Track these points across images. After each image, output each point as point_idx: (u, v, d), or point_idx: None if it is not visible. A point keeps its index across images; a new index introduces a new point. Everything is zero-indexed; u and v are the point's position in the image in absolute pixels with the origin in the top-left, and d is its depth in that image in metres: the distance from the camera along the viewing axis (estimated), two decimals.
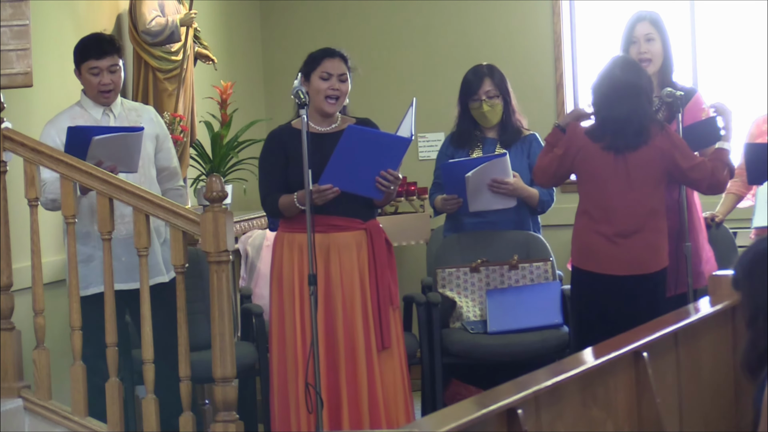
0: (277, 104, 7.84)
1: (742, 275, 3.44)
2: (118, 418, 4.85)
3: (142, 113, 5.53)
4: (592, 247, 5.42)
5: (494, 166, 5.87)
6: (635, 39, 5.71)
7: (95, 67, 5.35)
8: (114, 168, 5.13)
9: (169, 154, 5.58)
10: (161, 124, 5.61)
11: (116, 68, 5.38)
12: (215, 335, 4.64)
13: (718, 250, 5.93)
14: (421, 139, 7.75)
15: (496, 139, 6.10)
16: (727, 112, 5.52)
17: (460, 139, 6.11)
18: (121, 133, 5.18)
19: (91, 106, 5.41)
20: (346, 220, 5.18)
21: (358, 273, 5.16)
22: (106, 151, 5.12)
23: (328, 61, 5.22)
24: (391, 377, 5.18)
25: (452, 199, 5.99)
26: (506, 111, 6.08)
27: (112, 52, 5.36)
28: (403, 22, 7.92)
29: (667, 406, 4.08)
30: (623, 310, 5.29)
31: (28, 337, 5.04)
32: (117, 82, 5.39)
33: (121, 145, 5.16)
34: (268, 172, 5.27)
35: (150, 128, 5.48)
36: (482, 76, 6.07)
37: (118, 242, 5.19)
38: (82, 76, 5.40)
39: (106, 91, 5.38)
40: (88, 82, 5.39)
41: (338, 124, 5.26)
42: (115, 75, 5.37)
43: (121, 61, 5.41)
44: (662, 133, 5.38)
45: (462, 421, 3.11)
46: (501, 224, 6.10)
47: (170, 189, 5.54)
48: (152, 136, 5.49)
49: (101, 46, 5.36)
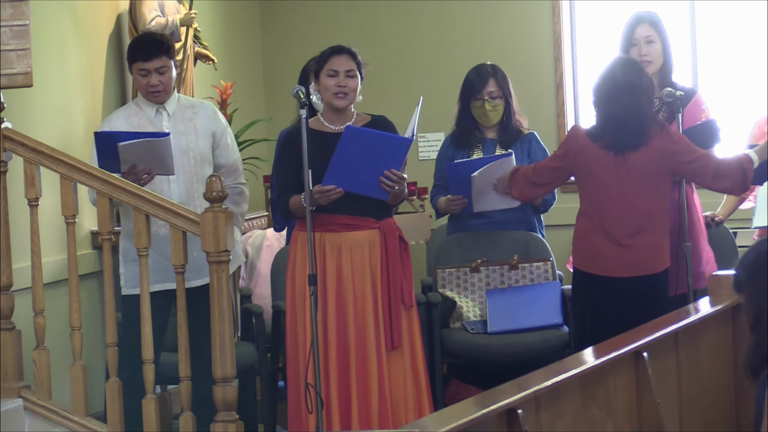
0: (277, 104, 7.85)
1: (744, 277, 3.39)
2: (118, 418, 4.85)
3: (199, 110, 5.47)
4: (593, 249, 5.41)
5: (500, 165, 5.87)
6: (635, 41, 5.70)
7: (143, 69, 5.33)
8: (150, 170, 5.11)
9: (227, 151, 5.50)
10: (218, 121, 5.52)
11: (165, 69, 5.34)
12: (215, 335, 4.63)
13: (718, 250, 5.93)
14: (421, 139, 7.75)
15: (496, 140, 6.09)
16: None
17: (460, 139, 6.11)
18: (146, 139, 5.14)
19: (145, 104, 5.40)
20: (359, 219, 5.18)
21: (370, 272, 5.16)
22: (136, 155, 5.10)
23: (335, 58, 5.22)
24: (401, 377, 5.17)
25: (457, 199, 5.98)
26: (507, 112, 6.08)
27: (160, 54, 5.32)
28: (403, 23, 7.92)
29: (667, 406, 4.08)
30: (625, 312, 5.27)
31: (28, 337, 5.04)
32: (166, 82, 5.35)
33: (149, 150, 5.12)
34: (282, 174, 5.27)
35: (205, 125, 5.43)
36: (487, 76, 6.07)
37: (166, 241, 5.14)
38: (133, 75, 5.40)
39: (156, 92, 5.36)
40: (138, 82, 5.38)
41: (352, 123, 5.25)
42: (164, 76, 5.34)
43: (171, 62, 5.37)
44: (662, 134, 5.37)
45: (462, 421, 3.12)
46: (505, 224, 6.10)
47: (228, 186, 5.46)
48: (207, 133, 5.43)
49: (149, 47, 5.34)
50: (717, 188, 5.53)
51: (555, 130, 7.48)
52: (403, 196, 5.23)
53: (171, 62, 5.37)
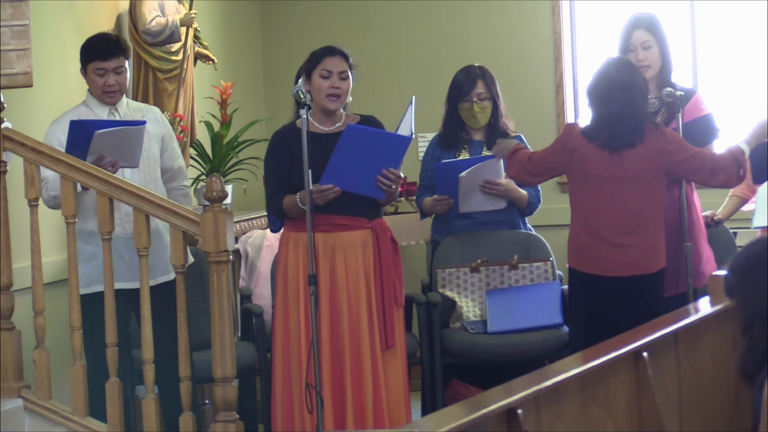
0: (277, 104, 7.84)
1: (735, 280, 3.30)
2: (118, 418, 4.85)
3: (147, 114, 5.53)
4: (588, 249, 5.42)
5: (487, 166, 5.89)
6: (632, 47, 5.69)
7: (101, 68, 5.35)
8: (116, 162, 5.14)
9: (173, 154, 5.58)
10: (166, 125, 5.62)
11: (122, 69, 5.39)
12: (215, 335, 4.64)
13: (718, 250, 5.93)
14: (421, 139, 7.74)
15: (483, 141, 6.11)
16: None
17: (447, 140, 6.12)
18: (123, 127, 5.20)
19: (97, 106, 5.42)
20: (352, 219, 5.18)
21: (363, 272, 5.17)
22: (108, 145, 5.13)
23: (328, 59, 5.22)
24: (395, 377, 5.18)
25: (443, 199, 6.00)
26: (495, 113, 6.09)
27: (118, 54, 5.37)
28: (403, 22, 7.92)
29: (667, 406, 4.08)
30: (621, 312, 5.28)
31: (28, 337, 5.04)
32: (122, 83, 5.40)
33: (123, 139, 5.17)
34: (274, 174, 5.27)
35: (155, 129, 5.49)
36: (475, 78, 6.08)
37: (123, 241, 5.20)
38: (87, 75, 5.41)
39: (111, 92, 5.38)
40: (93, 82, 5.39)
41: (342, 123, 5.26)
42: (120, 76, 5.38)
43: (126, 63, 5.42)
44: (656, 133, 5.38)
45: (462, 421, 3.12)
46: (491, 225, 6.10)
47: (174, 188, 5.54)
48: (158, 136, 5.49)
49: (108, 47, 5.37)
50: (713, 183, 5.53)
51: (555, 130, 7.47)
52: (395, 195, 5.27)
53: (126, 63, 5.42)
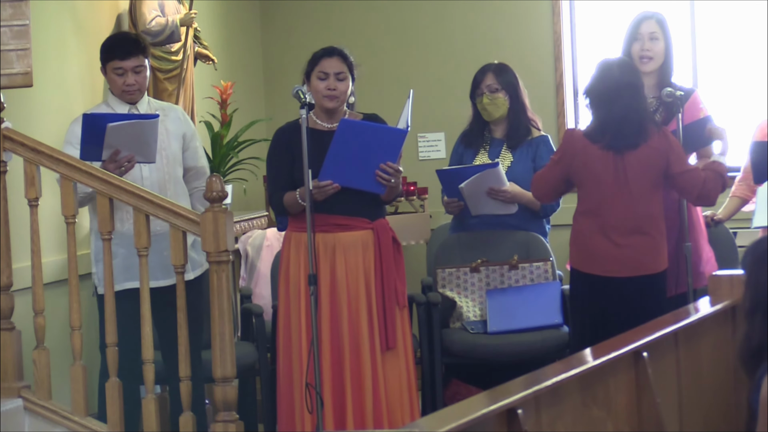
0: (277, 104, 7.84)
1: (751, 262, 3.35)
2: (118, 418, 4.85)
3: (169, 112, 5.51)
4: (591, 250, 5.41)
5: (487, 176, 5.87)
6: (639, 36, 5.70)
7: (119, 68, 5.34)
8: (132, 158, 5.14)
9: (196, 154, 5.55)
10: (189, 123, 5.59)
11: (141, 68, 5.37)
12: (215, 335, 4.64)
13: (718, 250, 5.93)
14: (421, 139, 7.74)
15: (503, 140, 6.09)
16: (722, 131, 5.56)
17: (468, 138, 6.14)
18: (136, 121, 5.18)
19: (117, 104, 5.41)
20: (352, 219, 5.18)
21: (364, 273, 5.16)
22: (122, 139, 5.12)
23: (325, 60, 5.22)
24: (396, 377, 5.17)
25: (453, 202, 6.02)
26: (513, 108, 6.07)
27: (136, 53, 5.35)
28: (403, 23, 7.91)
29: (667, 406, 4.08)
30: (623, 312, 5.28)
31: (28, 337, 5.04)
32: (141, 82, 5.38)
33: (137, 132, 5.15)
34: (275, 170, 5.28)
35: (176, 127, 5.47)
36: (486, 71, 6.11)
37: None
38: (107, 74, 5.41)
39: (131, 91, 5.37)
40: (112, 81, 5.39)
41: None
42: (139, 75, 5.37)
43: (146, 61, 5.41)
44: (659, 134, 5.39)
45: (462, 421, 3.11)
46: (505, 225, 6.10)
47: (197, 188, 5.51)
48: (179, 135, 5.47)
49: (126, 46, 5.36)
50: (696, 205, 5.63)
51: (555, 130, 7.47)
52: (398, 190, 5.24)
53: (146, 62, 5.41)
